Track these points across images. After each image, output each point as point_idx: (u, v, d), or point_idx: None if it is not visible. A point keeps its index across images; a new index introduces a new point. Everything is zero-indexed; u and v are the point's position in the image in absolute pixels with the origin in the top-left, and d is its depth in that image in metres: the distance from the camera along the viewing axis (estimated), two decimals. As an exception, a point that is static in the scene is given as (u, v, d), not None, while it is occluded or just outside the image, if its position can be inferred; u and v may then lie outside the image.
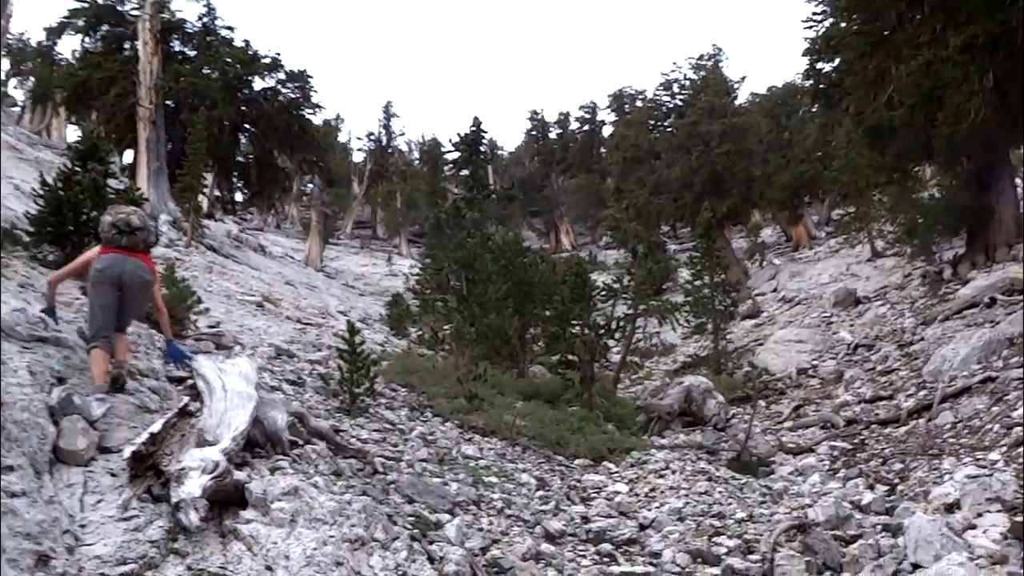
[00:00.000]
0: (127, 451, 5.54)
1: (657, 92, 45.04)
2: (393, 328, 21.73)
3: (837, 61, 23.25)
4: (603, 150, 65.14)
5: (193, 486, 5.16)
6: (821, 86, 24.44)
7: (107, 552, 4.54)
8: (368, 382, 10.29)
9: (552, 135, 73.74)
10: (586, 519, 8.54)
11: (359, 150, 75.20)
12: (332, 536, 5.29)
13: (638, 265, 17.78)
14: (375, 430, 9.54)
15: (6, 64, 55.54)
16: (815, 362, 19.19)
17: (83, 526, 4.78)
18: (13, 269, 10.52)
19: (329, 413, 9.44)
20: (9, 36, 53.97)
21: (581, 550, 7.53)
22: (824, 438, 13.17)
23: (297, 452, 6.84)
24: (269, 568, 4.85)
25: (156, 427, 5.86)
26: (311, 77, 39.97)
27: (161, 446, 5.77)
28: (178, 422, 6.20)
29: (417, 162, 75.25)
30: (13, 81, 60.68)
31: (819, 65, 24.07)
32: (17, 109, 58.65)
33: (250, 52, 38.84)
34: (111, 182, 13.68)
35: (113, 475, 5.41)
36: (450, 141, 21.20)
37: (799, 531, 7.81)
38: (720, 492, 9.63)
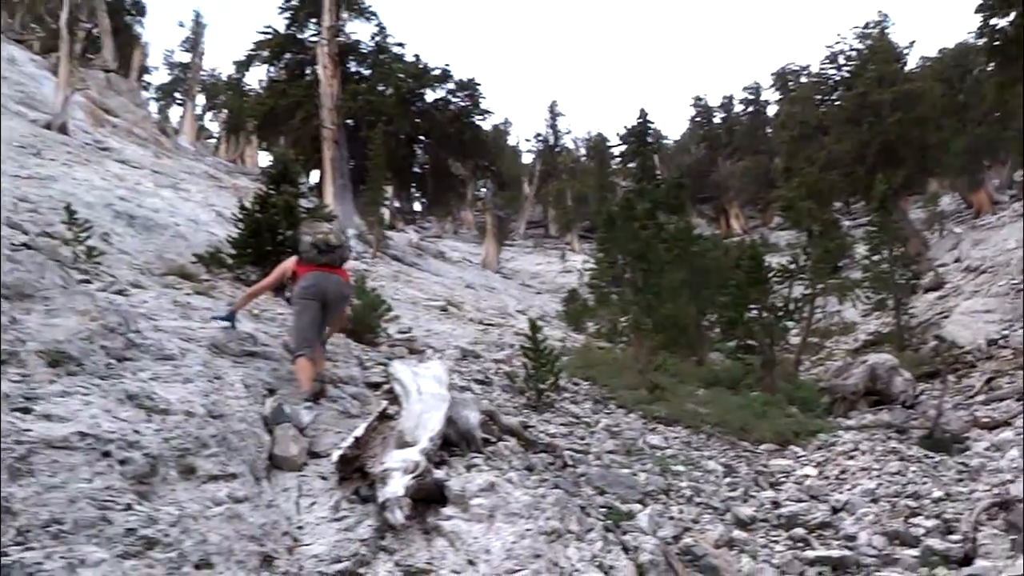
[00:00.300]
0: (335, 455, 5.78)
1: (822, 66, 43.47)
2: (571, 323, 21.81)
3: (1013, 15, 21.95)
4: (769, 130, 63.42)
5: (396, 486, 5.33)
6: (996, 43, 23.12)
7: (323, 551, 4.77)
8: (552, 377, 10.37)
9: (716, 119, 72.26)
10: (776, 504, 8.38)
11: (528, 151, 75.90)
12: (529, 529, 5.38)
13: (813, 244, 17.25)
14: (561, 424, 9.61)
15: (202, 99, 58.66)
16: (1006, 332, 18.12)
17: (300, 527, 5.03)
18: (220, 290, 11.17)
19: (517, 410, 9.57)
20: (203, 72, 57.07)
21: (774, 535, 7.39)
22: (1021, 411, 12.46)
23: (490, 449, 6.96)
24: (471, 562, 4.98)
25: (359, 431, 6.08)
26: (479, 85, 40.64)
27: (365, 449, 5.98)
28: (379, 425, 6.41)
29: (584, 158, 75.17)
30: (208, 114, 64.10)
31: (994, 21, 22.77)
32: (213, 140, 61.94)
33: (420, 66, 39.78)
34: (302, 202, 14.29)
35: (323, 478, 5.66)
36: (617, 135, 21.16)
37: (1001, 508, 7.44)
38: (914, 471, 9.24)
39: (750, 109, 70.17)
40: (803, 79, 54.37)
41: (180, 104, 59.93)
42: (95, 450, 4.30)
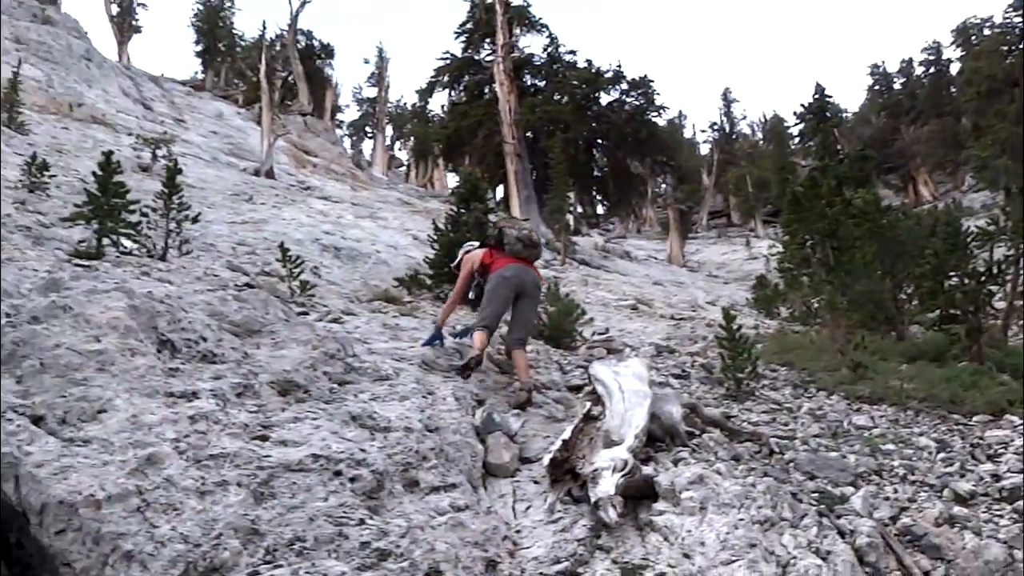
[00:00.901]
0: (545, 459, 5.86)
1: (1006, 15, 40.71)
2: (762, 310, 21.27)
3: None
4: (953, 90, 59.90)
5: (607, 485, 5.35)
6: None
7: (542, 553, 4.84)
8: (750, 366, 10.16)
9: (896, 85, 68.84)
10: (997, 477, 7.88)
11: (704, 142, 74.66)
12: (742, 519, 5.29)
13: (1012, 202, 16.17)
14: (763, 412, 9.38)
15: (390, 130, 60.57)
16: None
17: (519, 531, 5.12)
18: (423, 310, 11.52)
19: (717, 401, 9.42)
20: (389, 105, 59.02)
21: (996, 510, 6.97)
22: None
23: (695, 442, 6.88)
24: (687, 555, 4.94)
25: (566, 434, 6.14)
26: (652, 82, 40.24)
27: (573, 451, 6.03)
28: (585, 427, 6.45)
29: (762, 142, 73.22)
30: (397, 144, 66.18)
31: None
32: (403, 168, 63.92)
33: (593, 71, 39.77)
34: (491, 217, 14.55)
35: (536, 482, 5.74)
36: (793, 114, 20.35)
37: None
38: None
39: (931, 70, 66.43)
40: (986, 31, 51.18)
41: (371, 137, 62.07)
42: (327, 470, 4.53)
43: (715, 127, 71.84)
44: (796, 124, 59.45)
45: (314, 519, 4.12)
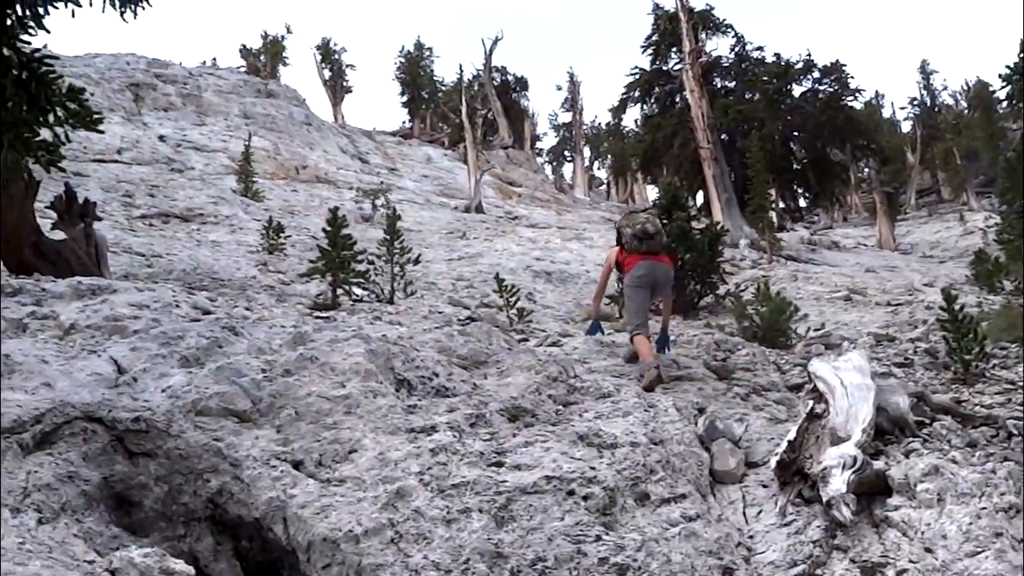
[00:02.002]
0: (772, 462, 5.73)
1: None
2: (984, 286, 19.87)
3: None
4: None
5: (838, 483, 5.17)
6: None
7: (777, 557, 4.73)
8: (977, 346, 9.54)
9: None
10: None
11: (905, 119, 70.60)
12: (984, 508, 4.98)
13: None
14: (996, 393, 8.77)
15: (587, 151, 60.94)
16: None
17: (751, 536, 5.04)
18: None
19: (945, 386, 8.90)
20: (584, 127, 59.42)
21: None
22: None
23: (926, 431, 6.53)
24: (928, 550, 4.70)
25: (791, 435, 5.98)
26: (844, 66, 38.53)
27: (800, 451, 5.87)
28: (809, 426, 6.26)
29: (967, 111, 68.54)
30: (596, 164, 66.43)
31: None
32: (604, 187, 64.08)
33: (782, 64, 38.57)
34: (693, 224, 14.40)
35: (765, 486, 5.62)
36: (998, 76, 18.87)
37: None
38: None
39: None
40: None
41: (570, 161, 62.68)
42: (561, 490, 4.62)
43: (915, 102, 67.78)
44: (1003, 87, 55.43)
45: (553, 539, 4.21)
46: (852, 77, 38.97)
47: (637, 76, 39.36)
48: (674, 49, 37.14)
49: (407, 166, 37.93)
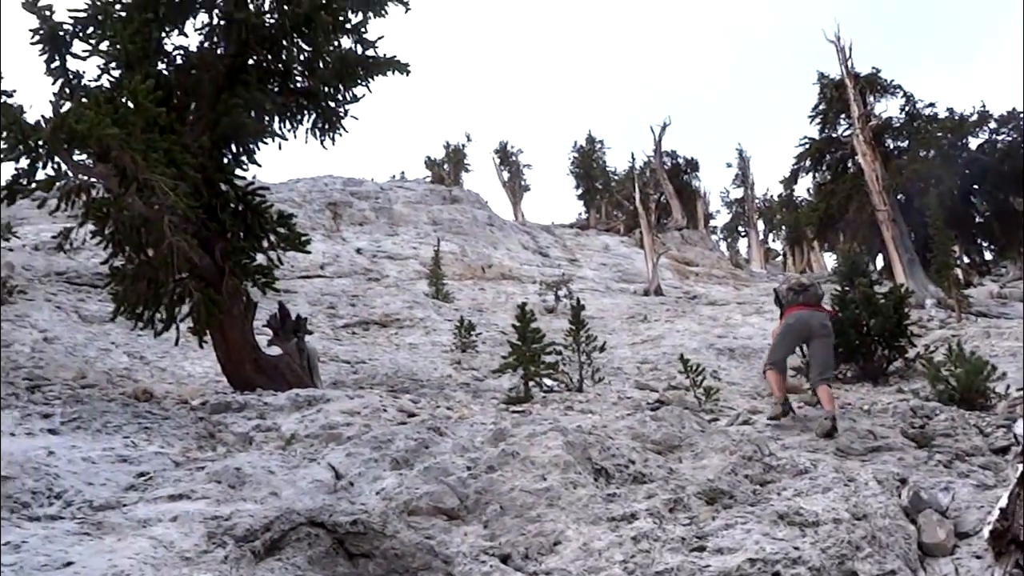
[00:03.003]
0: (985, 532, 5.35)
1: None
2: None
3: None
4: None
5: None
6: None
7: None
8: None
9: None
10: None
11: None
12: None
13: None
14: None
15: (761, 224, 59.78)
16: None
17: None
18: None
19: None
20: (757, 200, 58.48)
21: None
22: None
23: None
24: None
25: (1003, 502, 5.58)
26: (1022, 114, 36.48)
27: (1013, 519, 5.48)
28: (1021, 491, 5.86)
29: None
30: (770, 236, 64.99)
31: None
32: (780, 258, 62.50)
33: (955, 118, 36.93)
34: (876, 288, 13.87)
35: (978, 557, 5.28)
36: None
37: None
38: None
39: None
40: None
41: (744, 235, 61.61)
42: (766, 573, 4.50)
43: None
44: None
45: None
46: (1034, 120, 36.81)
47: (807, 146, 38.64)
48: (843, 115, 36.29)
49: (586, 256, 38.33)
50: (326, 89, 11.17)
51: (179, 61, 10.55)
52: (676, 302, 26.39)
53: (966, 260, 38.82)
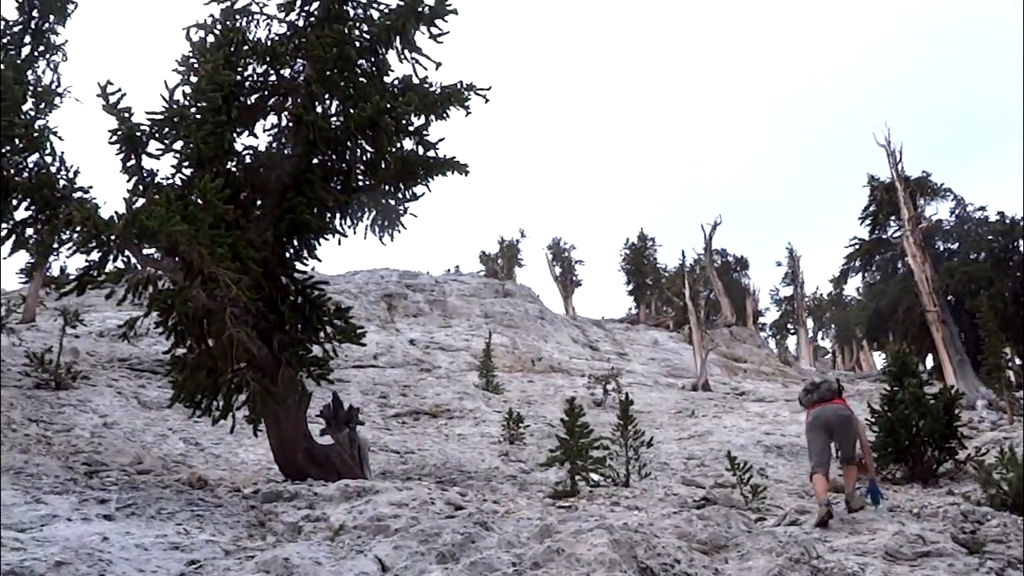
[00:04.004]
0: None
1: None
2: None
3: None
4: None
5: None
6: None
7: None
8: None
9: None
10: None
11: None
12: None
13: None
14: None
15: (810, 322, 59.19)
16: None
17: None
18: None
19: None
20: (806, 298, 57.98)
21: None
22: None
23: None
24: None
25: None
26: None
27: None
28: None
29: None
30: (819, 334, 64.25)
31: None
32: (829, 356, 61.67)
33: (1007, 221, 36.60)
34: (926, 389, 13.60)
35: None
36: None
37: None
38: None
39: None
40: None
41: (793, 333, 61.06)
42: None
43: None
44: None
45: None
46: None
47: (857, 246, 38.51)
48: (892, 217, 36.18)
49: (635, 350, 38.16)
50: (387, 188, 11.44)
51: (248, 160, 10.90)
52: (724, 398, 26.06)
53: (1018, 362, 37.87)
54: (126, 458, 10.98)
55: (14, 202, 8.24)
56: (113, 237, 8.11)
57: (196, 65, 10.28)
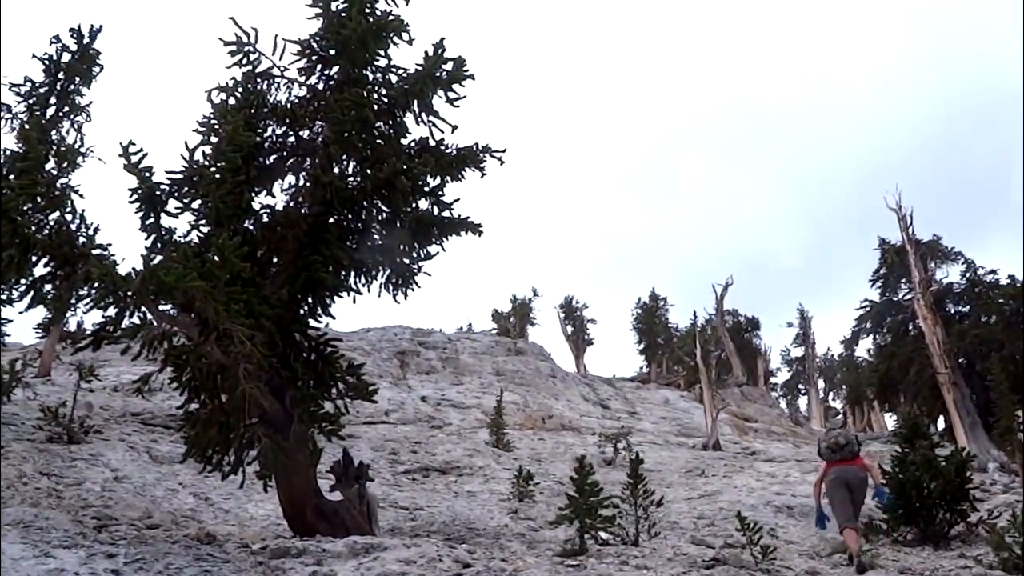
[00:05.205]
0: None
1: None
2: None
3: None
4: None
5: None
6: None
7: None
8: None
9: None
10: None
11: None
12: None
13: None
14: None
15: (821, 382, 58.94)
16: None
17: None
18: (883, 556, 10.73)
19: None
20: (817, 359, 57.79)
21: None
22: None
23: None
24: None
25: None
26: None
27: None
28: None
29: None
30: (830, 395, 63.86)
31: None
32: (839, 417, 61.21)
33: (1017, 284, 36.48)
34: (937, 451, 13.51)
35: None
36: None
37: None
38: None
39: None
40: None
41: (804, 393, 60.77)
42: None
43: None
44: None
45: None
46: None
47: (868, 308, 38.51)
48: (903, 279, 36.22)
49: (646, 409, 37.96)
50: (402, 247, 11.56)
51: (265, 218, 11.04)
52: (735, 457, 25.83)
53: (1032, 425, 37.49)
54: (136, 512, 10.96)
55: (34, 259, 8.34)
56: (130, 293, 8.20)
57: (217, 126, 10.48)
